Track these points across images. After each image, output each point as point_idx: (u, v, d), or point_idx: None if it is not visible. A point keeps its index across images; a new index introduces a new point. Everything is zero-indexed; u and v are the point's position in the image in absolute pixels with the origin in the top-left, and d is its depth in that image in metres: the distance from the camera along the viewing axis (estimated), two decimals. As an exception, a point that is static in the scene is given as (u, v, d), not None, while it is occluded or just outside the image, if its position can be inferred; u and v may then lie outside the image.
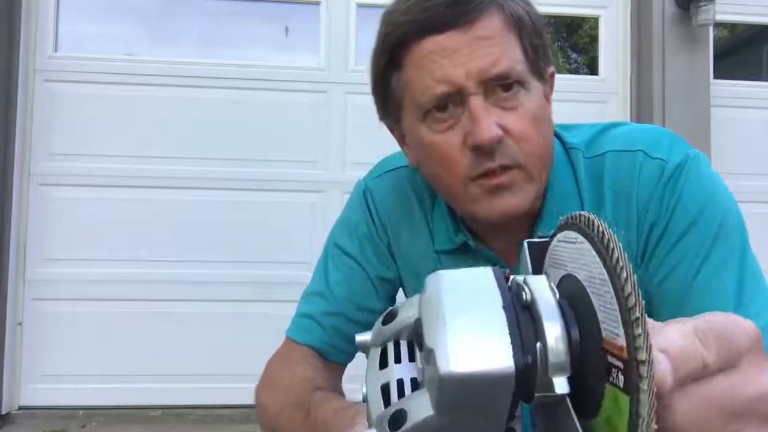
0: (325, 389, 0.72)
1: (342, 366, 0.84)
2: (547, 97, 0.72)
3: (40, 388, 2.60)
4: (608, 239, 0.26)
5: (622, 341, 0.25)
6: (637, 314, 0.24)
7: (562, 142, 0.76)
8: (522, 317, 0.28)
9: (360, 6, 2.83)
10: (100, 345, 2.61)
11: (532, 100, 0.67)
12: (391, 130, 0.80)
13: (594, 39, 3.07)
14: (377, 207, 0.85)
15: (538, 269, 0.35)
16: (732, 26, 3.47)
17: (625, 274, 0.25)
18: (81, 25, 2.81)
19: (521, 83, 0.66)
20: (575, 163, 0.74)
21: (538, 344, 0.27)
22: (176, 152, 2.70)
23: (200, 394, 2.64)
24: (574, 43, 3.49)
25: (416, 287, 0.85)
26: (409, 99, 0.70)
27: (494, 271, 0.31)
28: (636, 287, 0.24)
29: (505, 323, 0.28)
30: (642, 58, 2.91)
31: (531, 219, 0.73)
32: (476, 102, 0.64)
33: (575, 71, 3.45)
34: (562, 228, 0.32)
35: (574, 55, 3.56)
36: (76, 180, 2.66)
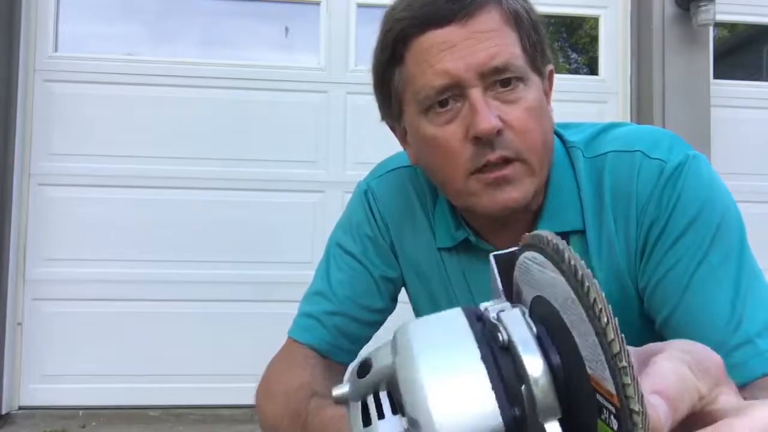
0: (321, 395, 0.72)
1: (344, 366, 0.84)
2: (546, 95, 0.72)
3: (40, 388, 2.60)
4: (582, 275, 0.25)
5: (610, 386, 0.23)
6: (624, 363, 0.23)
7: (563, 141, 0.76)
8: (502, 361, 0.27)
9: (360, 6, 2.83)
10: (100, 345, 2.61)
11: (532, 94, 0.68)
12: (393, 129, 0.80)
13: (594, 39, 3.07)
14: (379, 207, 0.85)
15: (507, 283, 0.33)
16: (732, 26, 3.47)
17: (605, 319, 0.23)
18: (81, 24, 2.81)
19: (520, 78, 0.67)
20: (575, 162, 0.74)
21: (524, 389, 0.26)
22: (176, 152, 2.70)
23: (200, 394, 2.64)
24: (574, 43, 3.48)
25: (418, 287, 0.85)
26: (410, 94, 0.71)
27: (465, 313, 0.30)
28: (617, 331, 0.23)
29: (487, 378, 0.26)
30: (642, 58, 2.91)
31: (532, 216, 0.74)
32: (476, 94, 0.65)
33: (575, 71, 3.45)
34: (528, 246, 0.30)
35: (574, 55, 3.55)
36: (76, 180, 2.66)
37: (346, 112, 2.78)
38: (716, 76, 2.94)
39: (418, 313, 0.89)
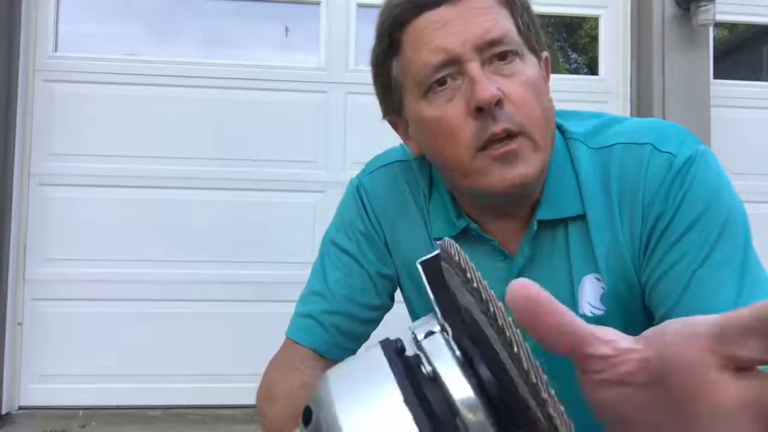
0: None
1: None
2: (544, 78, 0.72)
3: (40, 388, 2.60)
4: (486, 299, 0.24)
5: (538, 413, 0.23)
6: (545, 395, 0.22)
7: (562, 132, 0.76)
8: (430, 393, 0.26)
9: (360, 6, 2.83)
10: (100, 345, 2.61)
11: (529, 69, 0.68)
12: (395, 126, 0.80)
13: (594, 39, 3.07)
14: (372, 203, 0.84)
15: (437, 286, 0.32)
16: (732, 26, 3.47)
17: (515, 348, 0.22)
18: (81, 25, 2.81)
19: (516, 53, 0.67)
20: (573, 152, 0.73)
21: (458, 420, 0.25)
22: (176, 152, 2.70)
23: (200, 394, 2.64)
24: (574, 43, 3.48)
25: (410, 286, 0.85)
26: (409, 80, 0.71)
27: (384, 350, 0.28)
28: (530, 359, 0.22)
29: (414, 426, 0.24)
30: (642, 58, 2.91)
31: (530, 205, 0.74)
32: (473, 66, 0.65)
33: (575, 71, 3.45)
34: (443, 257, 0.29)
35: (574, 55, 3.55)
36: (76, 180, 2.66)
37: (346, 112, 2.78)
38: (716, 76, 2.94)
39: (415, 314, 0.89)
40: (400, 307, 0.89)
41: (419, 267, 0.33)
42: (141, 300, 2.64)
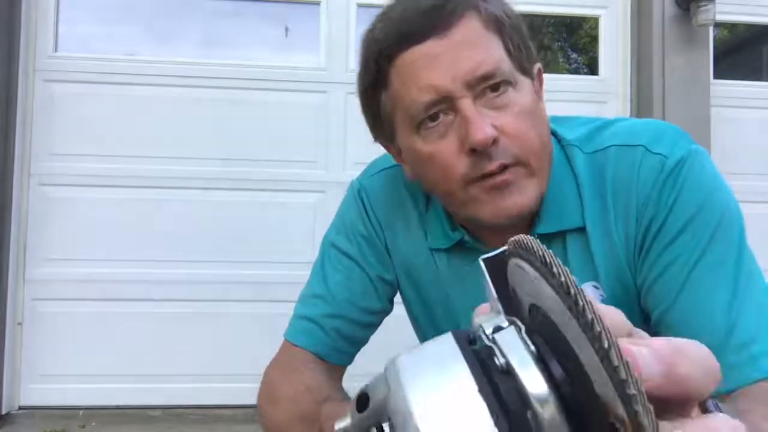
0: (333, 399, 0.70)
1: (343, 367, 0.84)
2: (537, 93, 0.71)
3: (40, 388, 2.60)
4: (574, 293, 0.23)
5: (621, 412, 0.22)
6: (633, 390, 0.21)
7: (558, 139, 0.75)
8: (503, 386, 0.25)
9: (360, 6, 2.83)
10: (100, 345, 2.61)
11: (523, 96, 0.67)
12: (387, 149, 0.79)
13: (594, 39, 3.07)
14: (372, 206, 0.84)
15: (502, 286, 0.31)
16: (732, 26, 3.47)
17: (606, 342, 0.22)
18: (81, 25, 2.81)
19: (509, 82, 0.66)
20: (572, 160, 0.73)
21: (529, 414, 0.24)
22: (176, 152, 2.70)
23: (200, 394, 2.64)
24: (574, 43, 3.48)
25: (410, 289, 0.85)
26: (399, 113, 0.69)
27: (456, 339, 0.28)
28: (621, 356, 0.21)
29: (489, 416, 0.24)
30: (642, 58, 2.91)
31: (529, 217, 0.73)
32: (466, 104, 0.64)
33: (575, 71, 3.45)
34: (516, 253, 0.29)
35: (574, 55, 3.55)
36: (76, 180, 2.66)
37: (346, 112, 2.78)
38: (716, 76, 2.94)
39: (413, 316, 0.88)
40: (399, 308, 0.89)
41: (482, 263, 0.32)
42: (141, 300, 2.64)
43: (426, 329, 0.86)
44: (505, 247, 0.31)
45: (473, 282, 0.79)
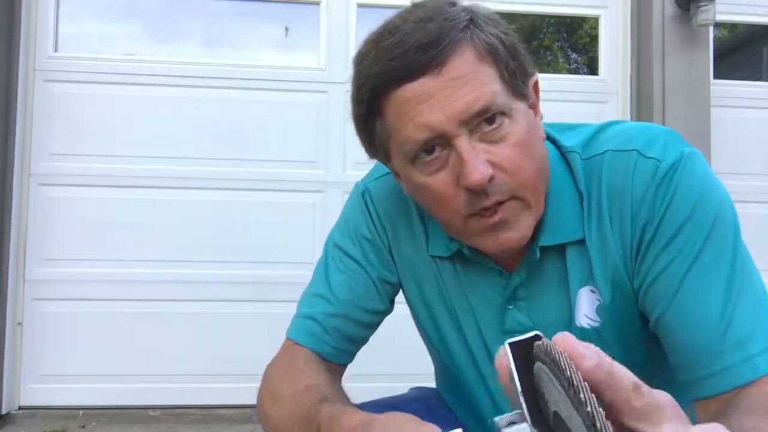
0: (331, 400, 0.70)
1: (343, 366, 0.84)
2: (534, 109, 0.71)
3: (40, 388, 2.60)
4: (585, 399, 0.24)
5: None
6: None
7: (558, 147, 0.76)
8: None
9: (360, 6, 2.83)
10: (100, 345, 2.61)
11: (519, 125, 0.66)
12: (384, 164, 0.79)
13: (594, 39, 3.07)
14: (377, 209, 0.85)
15: (526, 375, 0.32)
16: (732, 26, 3.47)
17: None
18: (81, 25, 2.81)
19: (504, 113, 0.65)
20: (573, 167, 0.73)
21: None
22: (176, 152, 2.70)
23: (200, 394, 2.64)
24: (574, 43, 3.48)
25: (414, 291, 0.85)
26: (394, 144, 0.70)
27: None
28: None
29: None
30: (642, 58, 2.91)
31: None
32: (462, 143, 0.64)
33: (575, 71, 3.45)
34: (539, 358, 0.29)
35: (574, 55, 3.55)
36: (76, 180, 2.66)
37: (346, 112, 2.76)
38: (716, 76, 2.94)
39: (416, 317, 0.89)
40: (399, 308, 0.90)
41: (507, 348, 0.32)
42: (141, 300, 2.64)
43: (430, 333, 0.87)
44: (532, 334, 0.31)
45: (475, 291, 0.79)
